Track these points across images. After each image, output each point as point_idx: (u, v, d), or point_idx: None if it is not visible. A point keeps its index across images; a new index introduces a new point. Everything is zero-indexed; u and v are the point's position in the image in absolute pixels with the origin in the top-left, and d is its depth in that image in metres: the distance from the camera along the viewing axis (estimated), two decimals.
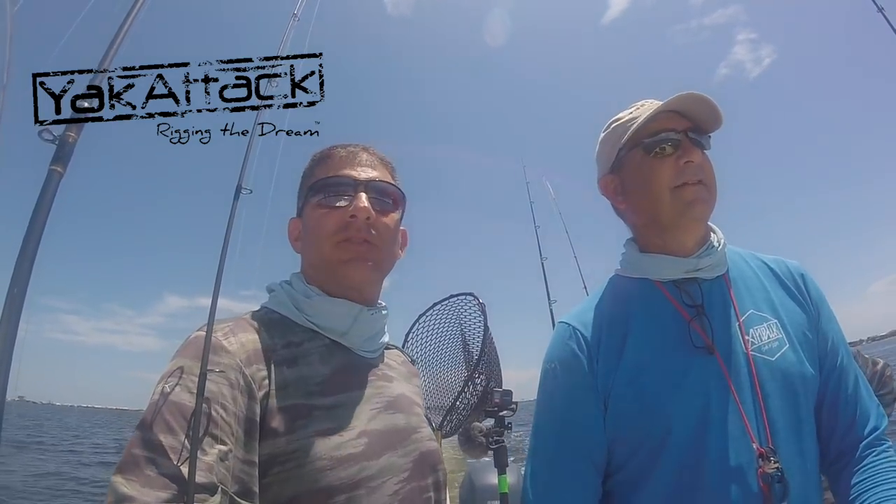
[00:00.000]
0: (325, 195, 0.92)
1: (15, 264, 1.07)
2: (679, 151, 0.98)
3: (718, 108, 0.98)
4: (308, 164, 1.00)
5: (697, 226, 1.01)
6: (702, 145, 1.00)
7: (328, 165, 0.95)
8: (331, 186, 0.92)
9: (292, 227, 1.00)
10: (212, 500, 0.63)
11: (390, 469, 0.81)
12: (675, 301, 1.00)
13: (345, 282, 0.91)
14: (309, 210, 0.94)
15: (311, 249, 0.93)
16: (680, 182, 0.97)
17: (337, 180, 0.92)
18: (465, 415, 1.83)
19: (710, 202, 1.00)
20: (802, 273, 1.07)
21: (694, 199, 0.97)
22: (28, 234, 1.12)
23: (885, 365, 2.47)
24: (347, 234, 0.89)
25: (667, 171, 0.98)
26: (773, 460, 0.87)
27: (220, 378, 0.71)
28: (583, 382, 0.98)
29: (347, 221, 0.89)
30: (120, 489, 0.61)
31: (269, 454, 0.73)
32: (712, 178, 1.00)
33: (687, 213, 0.98)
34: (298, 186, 1.01)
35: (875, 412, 1.00)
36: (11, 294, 1.03)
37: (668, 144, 0.98)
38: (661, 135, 0.99)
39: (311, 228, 0.93)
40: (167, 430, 0.66)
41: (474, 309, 1.89)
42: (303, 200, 0.97)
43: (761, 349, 0.95)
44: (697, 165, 0.97)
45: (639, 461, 0.94)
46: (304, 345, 0.86)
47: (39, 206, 1.15)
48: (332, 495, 0.73)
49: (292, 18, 1.30)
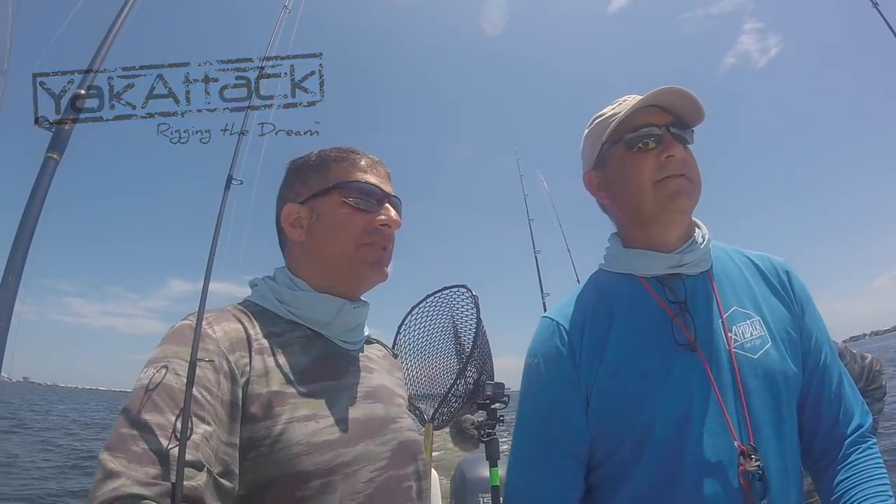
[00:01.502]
0: (357, 197, 0.95)
1: (9, 253, 1.07)
2: (661, 146, 0.99)
3: (699, 102, 0.98)
4: (315, 158, 1.00)
5: (681, 218, 1.01)
6: (684, 139, 1.01)
7: (352, 169, 0.98)
8: (362, 190, 0.96)
9: (290, 211, 0.98)
10: (199, 476, 0.65)
11: (366, 457, 0.83)
12: (659, 297, 1.00)
13: (359, 281, 0.97)
14: (330, 205, 0.95)
15: (328, 243, 0.95)
16: (662, 176, 0.98)
17: (368, 187, 0.96)
18: (457, 407, 1.84)
19: (693, 195, 1.00)
20: (787, 270, 1.07)
21: (677, 190, 0.97)
22: (22, 223, 1.12)
23: (873, 360, 2.49)
24: (373, 238, 0.95)
25: (649, 166, 0.99)
26: (753, 458, 0.87)
27: (204, 364, 0.74)
28: (565, 377, 0.99)
29: (376, 227, 0.95)
30: (108, 465, 0.62)
31: (249, 438, 0.75)
32: (695, 171, 1.00)
33: (670, 205, 0.98)
34: (296, 174, 1.01)
35: (859, 410, 1.00)
36: (6, 281, 1.04)
37: (649, 139, 0.99)
38: (643, 130, 0.99)
39: (333, 224, 0.95)
40: (154, 410, 0.68)
41: (467, 301, 1.89)
42: (316, 192, 0.97)
43: (744, 346, 0.96)
44: (679, 159, 0.98)
45: (621, 456, 0.94)
46: (285, 335, 0.88)
47: (35, 193, 1.15)
48: (307, 480, 0.76)
49: (283, 11, 1.30)
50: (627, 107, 1.01)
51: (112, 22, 1.41)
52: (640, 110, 1.00)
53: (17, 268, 1.06)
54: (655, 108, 1.00)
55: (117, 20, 1.41)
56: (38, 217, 1.14)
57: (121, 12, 1.42)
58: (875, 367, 2.44)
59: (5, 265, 1.04)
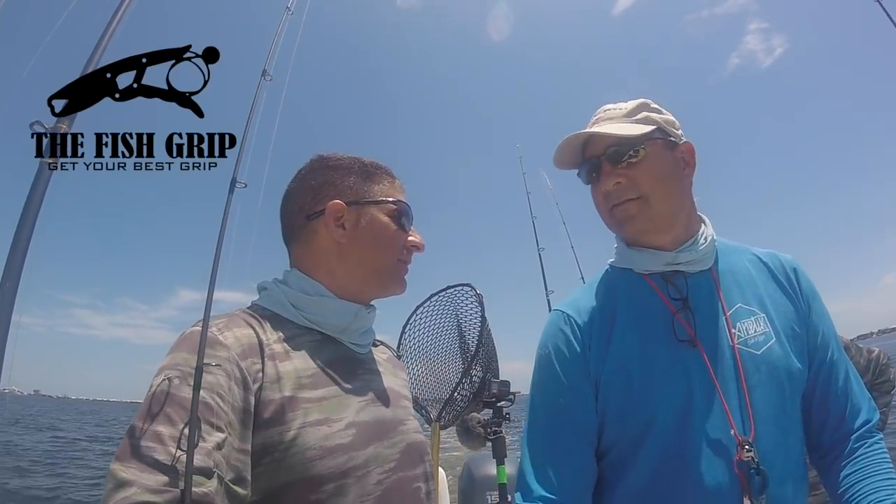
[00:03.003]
0: (401, 216, 1.00)
1: (7, 258, 1.08)
2: (600, 178, 1.03)
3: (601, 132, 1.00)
4: (359, 165, 1.01)
5: (645, 237, 1.04)
6: (617, 159, 1.01)
7: (392, 187, 1.02)
8: (406, 211, 1.01)
9: (339, 208, 0.96)
10: (209, 483, 0.66)
11: (376, 459, 0.84)
12: (662, 293, 1.02)
13: (384, 290, 1.01)
14: (378, 215, 0.98)
15: (368, 250, 0.97)
16: (610, 206, 1.03)
17: (408, 210, 1.02)
18: (463, 406, 1.84)
19: (644, 214, 1.00)
20: (795, 267, 1.08)
21: (623, 218, 1.02)
22: (20, 228, 1.13)
23: (880, 353, 2.47)
24: (405, 256, 1.01)
25: (599, 198, 1.05)
26: (746, 448, 0.89)
27: (217, 370, 0.74)
28: (576, 366, 1.01)
29: (408, 248, 1.01)
30: (119, 475, 0.63)
31: (262, 444, 0.76)
32: (648, 186, 0.99)
33: (623, 230, 1.03)
34: (336, 173, 1.00)
35: (866, 405, 1.01)
36: (3, 287, 1.05)
37: (593, 173, 1.04)
38: (585, 165, 1.06)
39: (384, 234, 0.98)
40: (165, 420, 0.68)
41: (472, 300, 1.89)
42: (364, 198, 0.98)
43: (747, 342, 0.97)
44: (614, 189, 1.01)
45: (623, 447, 0.97)
46: (295, 339, 0.89)
47: (30, 200, 1.17)
48: (321, 483, 0.77)
49: (286, 12, 1.30)
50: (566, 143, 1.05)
51: (108, 21, 1.42)
52: (587, 145, 1.05)
53: (13, 277, 1.07)
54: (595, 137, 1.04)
55: (113, 19, 1.41)
56: (34, 224, 1.15)
57: (117, 12, 1.43)
58: (882, 360, 2.43)
59: (1, 275, 1.05)
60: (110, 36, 1.32)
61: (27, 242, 1.08)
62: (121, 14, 1.37)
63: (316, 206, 0.97)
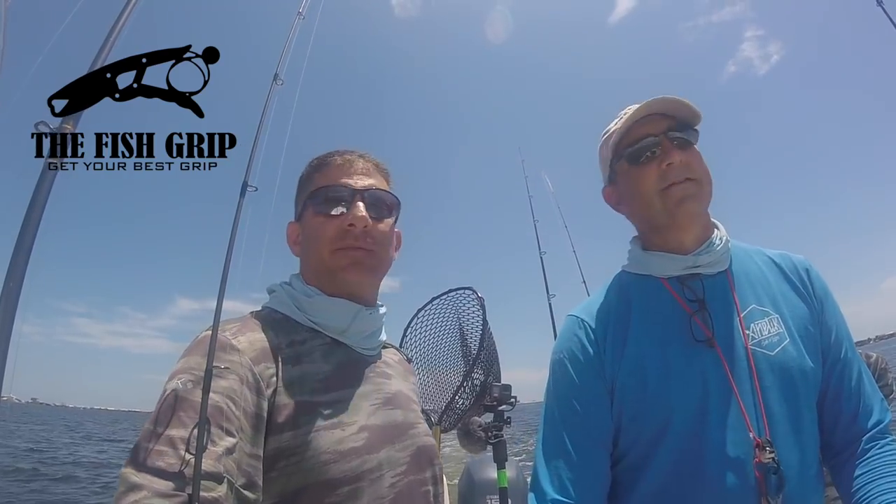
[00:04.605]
0: (324, 204, 0.95)
1: (11, 259, 1.07)
2: (660, 155, 1.01)
3: (689, 102, 1.00)
4: (306, 170, 1.02)
5: (692, 221, 1.03)
6: (685, 142, 1.02)
7: (325, 174, 0.98)
8: (329, 195, 0.95)
9: (291, 230, 1.03)
10: (218, 489, 0.65)
11: (389, 462, 0.84)
12: (678, 296, 1.02)
13: (343, 286, 0.95)
14: (308, 217, 0.97)
15: (311, 255, 0.97)
16: (666, 184, 1.00)
17: (335, 189, 0.95)
18: (464, 409, 1.84)
19: (700, 197, 1.01)
20: (807, 267, 1.09)
21: (682, 196, 0.99)
22: (23, 231, 1.12)
23: (878, 358, 2.49)
24: (345, 241, 0.93)
25: (652, 176, 1.01)
26: (768, 450, 0.89)
27: (230, 374, 0.74)
28: (591, 371, 1.01)
29: (346, 229, 0.93)
30: (130, 478, 0.63)
31: (276, 449, 0.76)
32: (702, 171, 1.02)
33: (678, 211, 1.00)
34: (296, 191, 1.03)
35: (879, 406, 1.01)
36: (7, 288, 1.03)
37: (648, 150, 1.02)
38: (642, 142, 1.02)
39: (310, 235, 0.96)
40: (177, 424, 0.68)
41: (473, 303, 1.89)
42: (301, 206, 1.00)
43: (761, 343, 0.97)
44: (680, 165, 0.99)
45: (639, 450, 0.97)
46: (306, 343, 0.88)
47: (35, 200, 1.15)
48: (336, 487, 0.76)
49: (297, 17, 1.30)
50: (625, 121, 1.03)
51: (115, 21, 1.40)
52: (638, 122, 1.02)
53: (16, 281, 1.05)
54: (654, 116, 1.02)
55: (120, 18, 1.40)
56: (39, 222, 1.14)
57: (123, 11, 1.41)
58: (881, 364, 2.45)
59: (3, 284, 1.04)
60: (114, 41, 1.30)
61: (30, 246, 1.06)
62: (125, 18, 1.36)
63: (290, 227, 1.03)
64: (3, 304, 0.98)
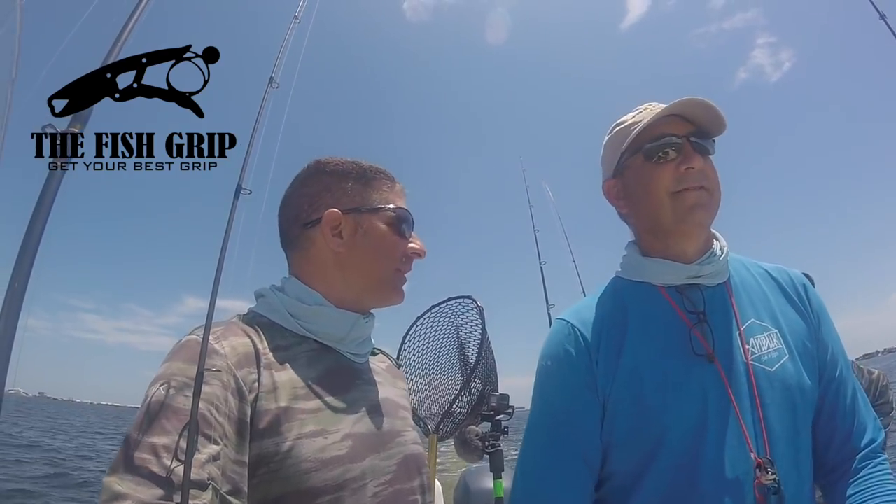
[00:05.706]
0: (400, 224, 0.97)
1: (16, 259, 1.07)
2: (680, 157, 0.97)
3: (721, 113, 0.97)
4: (357, 170, 0.97)
5: (698, 231, 1.00)
6: (705, 150, 0.99)
7: (391, 192, 0.99)
8: (406, 218, 0.98)
9: (335, 217, 0.94)
10: (203, 496, 0.64)
11: (373, 471, 0.83)
12: (677, 306, 0.99)
13: (382, 300, 0.98)
14: (378, 224, 0.95)
15: (371, 259, 0.94)
16: (681, 187, 0.96)
17: (409, 216, 0.99)
18: (461, 418, 1.82)
19: (711, 207, 0.98)
20: (804, 283, 1.07)
21: (695, 203, 0.96)
22: (30, 229, 1.12)
23: (880, 374, 2.48)
24: (407, 265, 0.98)
25: (667, 177, 0.97)
26: (770, 471, 0.86)
27: (212, 380, 0.72)
28: (581, 381, 0.96)
29: (408, 256, 0.97)
30: (114, 487, 0.62)
31: (258, 455, 0.75)
32: (715, 183, 0.99)
33: (687, 217, 0.96)
34: (333, 178, 0.97)
35: (872, 425, 0.99)
36: (12, 287, 1.03)
37: (670, 149, 0.97)
38: (663, 140, 0.98)
39: (382, 244, 0.95)
40: (160, 431, 0.67)
41: (472, 312, 1.88)
42: (362, 206, 0.95)
43: (761, 359, 0.94)
44: (699, 171, 0.96)
45: (632, 466, 0.93)
46: (292, 349, 0.87)
47: (41, 202, 1.15)
48: (316, 496, 0.75)
49: (293, 20, 1.29)
50: (649, 115, 0.99)
51: (120, 31, 1.41)
52: (660, 120, 0.98)
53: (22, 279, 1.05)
54: (676, 118, 0.99)
55: (126, 27, 1.41)
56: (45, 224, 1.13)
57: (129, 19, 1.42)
58: (882, 381, 2.44)
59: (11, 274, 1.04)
60: (121, 46, 1.31)
61: (37, 244, 1.06)
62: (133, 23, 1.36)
63: (312, 215, 0.95)
64: (8, 300, 0.98)
